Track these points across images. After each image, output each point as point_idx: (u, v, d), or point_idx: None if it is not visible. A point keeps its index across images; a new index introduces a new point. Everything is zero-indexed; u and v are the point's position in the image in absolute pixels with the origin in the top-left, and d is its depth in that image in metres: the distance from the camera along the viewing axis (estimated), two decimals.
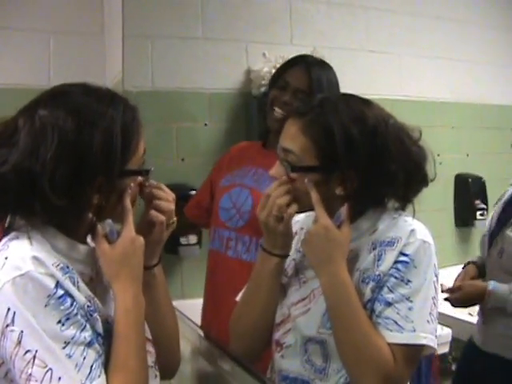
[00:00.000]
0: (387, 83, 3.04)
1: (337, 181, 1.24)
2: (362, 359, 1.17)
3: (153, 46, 2.84)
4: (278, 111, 1.90)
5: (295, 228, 1.42)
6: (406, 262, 1.19)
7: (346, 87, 2.10)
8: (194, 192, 2.76)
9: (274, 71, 2.70)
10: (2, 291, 1.06)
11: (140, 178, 1.27)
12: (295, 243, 1.41)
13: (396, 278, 1.19)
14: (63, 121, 1.12)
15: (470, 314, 2.60)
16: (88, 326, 1.12)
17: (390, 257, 1.21)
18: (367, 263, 1.25)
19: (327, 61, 2.12)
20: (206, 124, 2.83)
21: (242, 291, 1.46)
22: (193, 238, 2.73)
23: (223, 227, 2.02)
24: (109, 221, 1.34)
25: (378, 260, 1.23)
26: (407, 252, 1.20)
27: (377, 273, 1.22)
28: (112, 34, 3.31)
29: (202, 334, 2.27)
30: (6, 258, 1.10)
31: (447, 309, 2.05)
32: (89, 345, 1.10)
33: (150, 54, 2.84)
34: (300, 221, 1.43)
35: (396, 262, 1.20)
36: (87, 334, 1.10)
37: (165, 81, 2.84)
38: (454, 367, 2.75)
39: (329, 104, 1.27)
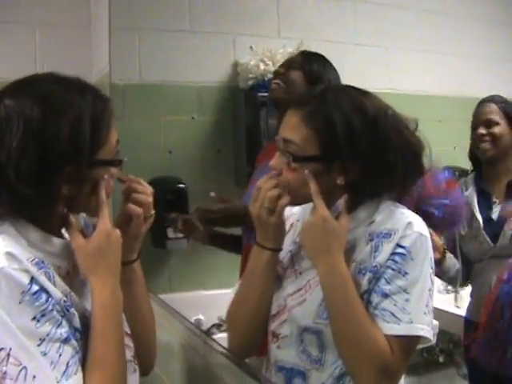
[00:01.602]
0: (375, 76, 3.04)
1: (338, 170, 1.24)
2: (358, 351, 1.18)
3: (140, 39, 2.83)
4: (275, 81, 2.01)
5: (292, 220, 1.42)
6: (403, 254, 1.19)
7: None
8: (181, 185, 2.77)
9: (261, 64, 2.72)
10: None
11: (114, 170, 1.26)
12: (291, 235, 1.41)
13: (393, 269, 1.20)
14: (29, 109, 1.10)
15: (457, 307, 2.62)
16: (64, 322, 1.10)
17: (386, 248, 1.21)
18: (364, 254, 1.25)
19: None
20: (193, 117, 2.83)
21: (237, 286, 1.45)
22: None
23: None
24: (83, 214, 1.32)
25: (375, 251, 1.23)
26: (404, 244, 1.20)
27: (374, 264, 1.22)
28: (99, 27, 3.29)
29: (190, 327, 2.28)
30: None
31: (434, 301, 2.07)
32: (65, 341, 1.08)
33: (137, 47, 2.83)
34: (296, 213, 1.43)
35: (393, 253, 1.20)
36: (63, 331, 1.09)
37: (152, 74, 2.83)
38: (441, 359, 2.77)
39: (330, 95, 1.26)
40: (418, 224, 1.22)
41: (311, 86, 1.90)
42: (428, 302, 1.19)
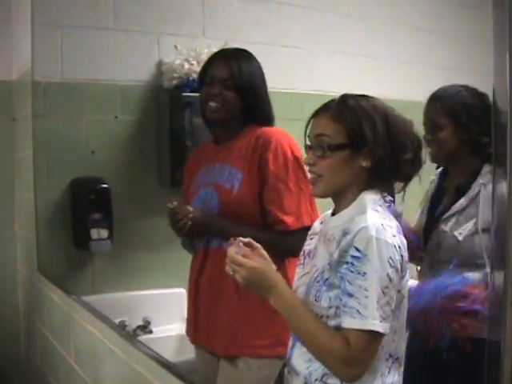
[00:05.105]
0: (299, 78, 3.08)
1: (363, 155, 1.44)
2: (319, 352, 1.39)
3: (62, 36, 2.77)
4: (211, 104, 2.05)
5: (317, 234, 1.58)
6: (359, 257, 1.33)
7: None
8: (104, 185, 2.73)
9: (185, 64, 2.71)
10: None
11: None
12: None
13: (352, 271, 1.34)
14: None
15: None
16: None
17: (341, 245, 1.38)
18: (332, 247, 1.42)
19: None
20: (116, 116, 2.80)
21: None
22: (104, 233, 2.70)
23: None
24: None
25: (336, 248, 1.40)
26: (360, 247, 1.34)
27: (331, 258, 1.41)
28: (20, 22, 3.21)
29: (115, 328, 2.26)
30: None
31: None
32: None
33: (59, 44, 2.77)
34: (318, 227, 1.59)
35: (350, 255, 1.35)
36: None
37: (75, 72, 2.77)
38: None
39: (350, 100, 1.47)
40: (374, 228, 1.34)
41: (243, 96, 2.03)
42: (380, 299, 1.31)
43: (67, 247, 2.76)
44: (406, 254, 1.38)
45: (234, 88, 2.02)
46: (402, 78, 3.32)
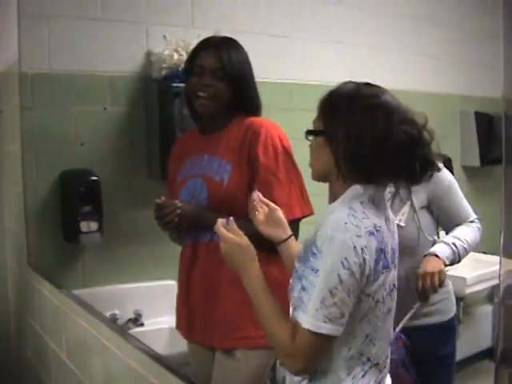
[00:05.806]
0: (289, 67, 3.07)
1: (335, 144, 1.39)
2: (270, 339, 1.42)
3: (50, 27, 2.73)
4: (201, 94, 2.01)
5: None
6: (315, 253, 1.32)
7: None
8: (94, 178, 2.71)
9: (174, 54, 2.68)
10: None
11: None
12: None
13: (307, 267, 1.34)
14: None
15: None
16: None
17: (307, 239, 1.40)
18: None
19: None
20: (105, 108, 2.77)
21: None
22: (94, 226, 2.68)
23: None
24: None
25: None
26: (317, 243, 1.32)
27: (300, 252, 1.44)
28: (6, 13, 3.17)
29: (106, 322, 2.25)
30: None
31: None
32: None
33: (46, 35, 2.73)
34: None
35: (311, 251, 1.33)
36: None
37: (62, 63, 2.74)
38: None
39: (336, 87, 1.43)
40: (334, 225, 1.31)
41: (233, 86, 2.00)
42: (326, 299, 1.28)
43: (57, 240, 2.74)
44: (371, 257, 1.31)
45: (224, 78, 1.99)
46: (394, 67, 3.31)
